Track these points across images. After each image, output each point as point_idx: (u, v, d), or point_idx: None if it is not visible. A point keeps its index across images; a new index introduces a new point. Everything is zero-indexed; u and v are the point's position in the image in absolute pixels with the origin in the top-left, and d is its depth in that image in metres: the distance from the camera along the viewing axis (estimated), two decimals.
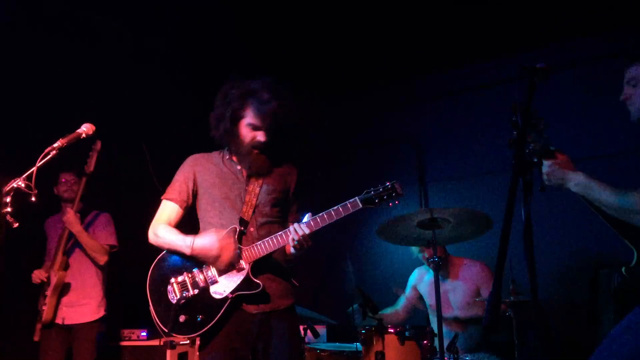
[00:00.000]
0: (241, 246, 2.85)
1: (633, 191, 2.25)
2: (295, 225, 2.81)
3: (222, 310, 2.78)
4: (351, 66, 5.46)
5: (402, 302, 4.47)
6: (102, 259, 4.34)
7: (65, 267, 4.27)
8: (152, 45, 4.97)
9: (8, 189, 2.61)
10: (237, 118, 2.92)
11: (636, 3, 4.33)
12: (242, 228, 2.89)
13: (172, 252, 2.93)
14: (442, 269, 4.14)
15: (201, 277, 2.85)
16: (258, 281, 2.81)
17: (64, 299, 4.27)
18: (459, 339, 3.49)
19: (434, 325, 4.15)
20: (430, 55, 5.21)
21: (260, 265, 2.85)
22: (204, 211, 3.00)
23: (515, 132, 2.00)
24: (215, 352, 2.79)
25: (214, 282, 2.84)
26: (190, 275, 2.87)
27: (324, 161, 6.07)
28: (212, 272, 2.85)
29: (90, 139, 3.06)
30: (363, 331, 3.55)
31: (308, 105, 6.05)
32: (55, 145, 2.78)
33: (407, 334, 3.42)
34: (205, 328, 2.77)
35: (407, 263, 4.72)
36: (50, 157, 2.76)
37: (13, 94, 4.40)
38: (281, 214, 3.05)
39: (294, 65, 5.47)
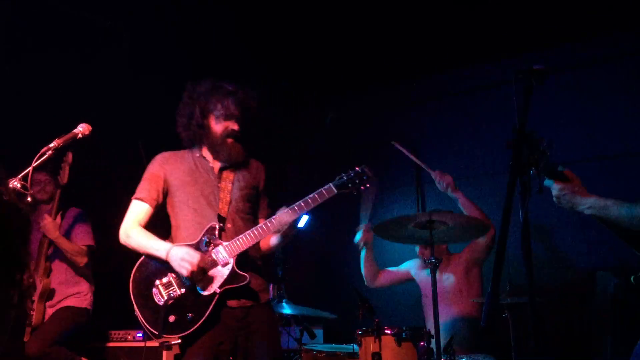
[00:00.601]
0: (223, 242, 2.89)
1: None
2: (279, 213, 2.89)
3: (212, 306, 2.80)
4: (349, 67, 5.46)
5: (387, 270, 4.48)
6: (82, 261, 4.30)
7: (49, 273, 4.27)
8: (150, 44, 4.96)
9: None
10: (206, 113, 3.00)
11: (634, 6, 4.34)
12: (221, 225, 2.93)
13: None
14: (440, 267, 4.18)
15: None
16: (244, 274, 2.85)
17: (49, 302, 4.28)
18: (454, 340, 3.49)
19: (429, 321, 4.17)
20: (428, 56, 5.21)
21: (241, 261, 2.89)
22: (178, 209, 3.01)
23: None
24: (199, 347, 2.81)
25: (201, 278, 2.84)
26: (175, 275, 2.87)
27: (322, 161, 6.07)
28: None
29: (64, 149, 2.98)
30: (359, 332, 3.55)
31: (311, 106, 6.08)
32: (51, 145, 2.78)
33: (403, 335, 3.41)
34: (197, 325, 2.78)
35: (403, 261, 4.71)
36: (46, 158, 2.76)
37: (8, 94, 4.38)
38: (253, 209, 3.12)
39: (294, 65, 5.47)
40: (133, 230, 2.96)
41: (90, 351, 4.49)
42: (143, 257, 2.96)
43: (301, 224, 5.52)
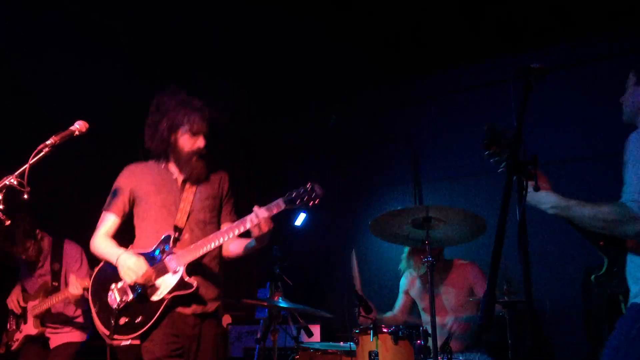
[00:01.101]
0: (174, 250, 3.03)
1: (606, 203, 2.30)
2: (252, 215, 2.98)
3: (160, 311, 2.97)
4: (347, 67, 5.46)
5: (397, 308, 4.48)
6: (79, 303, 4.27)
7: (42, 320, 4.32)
8: (147, 45, 4.96)
9: (0, 186, 2.59)
10: (173, 127, 3.09)
11: (631, 4, 4.34)
12: (177, 234, 3.08)
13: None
14: (435, 274, 4.16)
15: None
16: (191, 282, 2.99)
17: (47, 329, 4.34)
18: (452, 339, 3.49)
19: (427, 326, 4.16)
20: (426, 55, 5.21)
21: (193, 269, 3.04)
22: (141, 219, 3.18)
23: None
24: (153, 346, 2.98)
25: (151, 285, 3.00)
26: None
27: (319, 160, 6.07)
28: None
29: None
30: (357, 331, 3.55)
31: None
32: (48, 142, 2.76)
33: (400, 333, 3.41)
34: (145, 328, 2.96)
35: (399, 260, 4.71)
36: (43, 155, 2.74)
37: (4, 92, 4.37)
38: (215, 218, 3.26)
39: (291, 66, 5.47)
40: (97, 240, 3.15)
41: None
42: (101, 263, 3.15)
43: (298, 222, 5.52)
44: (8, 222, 2.63)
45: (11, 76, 4.47)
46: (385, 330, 3.42)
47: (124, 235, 3.23)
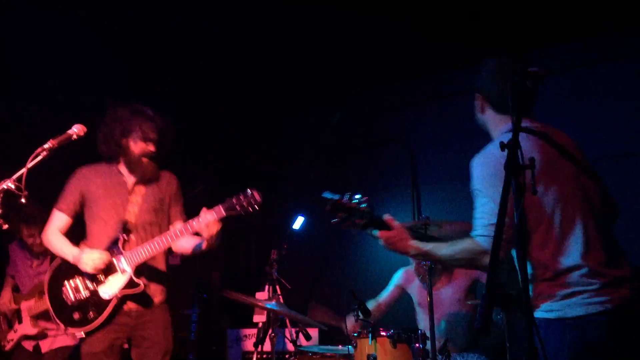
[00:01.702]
0: (125, 252, 3.27)
1: (461, 240, 2.31)
2: (197, 217, 3.20)
3: (110, 308, 3.23)
4: (345, 68, 5.46)
5: (383, 297, 4.45)
6: None
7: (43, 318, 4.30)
8: (144, 45, 4.95)
9: None
10: (126, 133, 3.34)
11: (628, 7, 4.36)
12: (125, 236, 3.32)
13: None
14: (433, 276, 4.16)
15: (91, 280, 3.28)
16: (139, 281, 3.26)
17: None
18: (450, 341, 3.49)
19: (421, 323, 4.16)
20: (424, 57, 5.22)
21: (141, 268, 3.29)
22: (91, 220, 3.40)
23: None
24: (95, 341, 3.25)
25: (103, 284, 3.26)
26: (81, 279, 3.30)
27: (316, 163, 6.06)
28: (101, 276, 3.27)
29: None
30: (355, 334, 3.55)
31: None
32: (46, 146, 2.77)
33: (398, 337, 3.41)
34: (96, 323, 3.23)
35: (398, 265, 4.70)
36: (41, 158, 2.75)
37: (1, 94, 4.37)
38: (160, 219, 3.47)
39: (288, 67, 5.47)
40: (52, 236, 3.38)
41: None
42: (57, 260, 3.41)
43: (296, 226, 5.52)
44: (5, 226, 2.64)
45: (7, 77, 4.47)
46: (383, 333, 3.43)
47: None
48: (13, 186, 2.63)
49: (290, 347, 4.67)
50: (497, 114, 2.60)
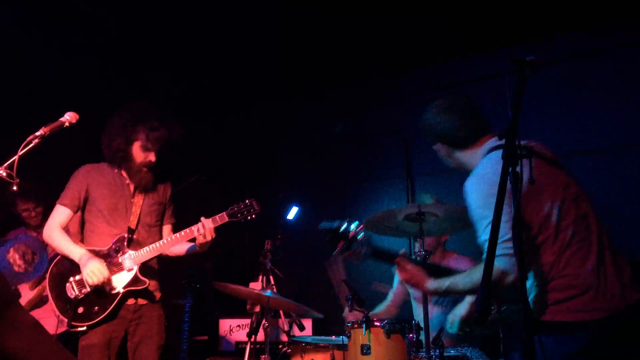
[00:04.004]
0: (130, 250, 3.44)
1: (475, 268, 2.31)
2: (199, 225, 3.42)
3: (115, 303, 3.37)
4: (339, 59, 5.44)
5: (390, 298, 4.47)
6: None
7: (38, 283, 4.30)
8: (140, 38, 4.92)
9: None
10: (129, 141, 3.43)
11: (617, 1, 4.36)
12: (130, 235, 3.49)
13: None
14: (432, 258, 4.18)
15: None
16: (145, 279, 3.43)
17: (31, 312, 4.28)
18: (444, 333, 3.48)
19: (418, 316, 4.16)
20: (419, 49, 5.20)
21: (144, 267, 3.48)
22: (94, 217, 3.50)
23: None
24: (94, 335, 3.33)
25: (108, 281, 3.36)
26: None
27: (311, 154, 6.05)
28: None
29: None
30: (349, 324, 3.54)
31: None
32: (38, 133, 2.75)
33: (392, 327, 3.40)
34: (100, 317, 3.34)
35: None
36: (33, 146, 2.72)
37: None
38: (159, 221, 3.68)
39: (281, 59, 5.45)
40: (54, 232, 3.44)
41: None
42: (60, 256, 3.47)
43: (290, 216, 5.51)
44: None
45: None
46: (377, 324, 3.42)
47: None
48: (4, 173, 2.60)
49: (283, 337, 4.67)
50: (464, 150, 2.58)
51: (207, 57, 5.37)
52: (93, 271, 3.28)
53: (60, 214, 3.48)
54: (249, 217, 3.52)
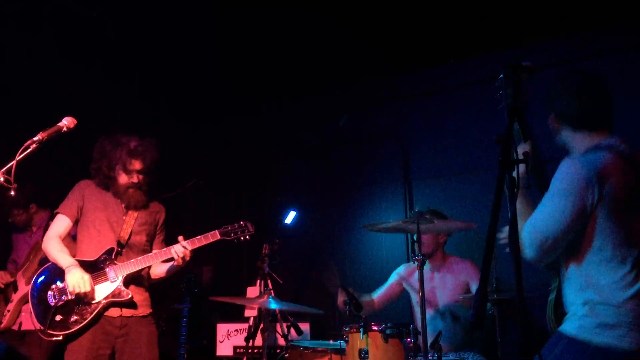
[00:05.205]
0: (117, 262, 3.52)
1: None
2: (177, 246, 3.54)
3: (94, 313, 3.39)
4: (336, 62, 5.44)
5: (380, 293, 4.45)
6: None
7: None
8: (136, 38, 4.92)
9: None
10: (112, 166, 3.61)
11: (614, 3, 4.36)
12: (119, 249, 3.58)
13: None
14: (433, 260, 4.20)
15: None
16: (128, 291, 3.49)
17: (25, 306, 4.30)
18: (442, 337, 3.49)
19: (418, 320, 4.16)
20: (415, 52, 5.20)
21: (129, 280, 3.55)
22: (86, 228, 3.62)
23: None
24: (80, 349, 3.35)
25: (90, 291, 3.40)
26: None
27: (309, 158, 6.05)
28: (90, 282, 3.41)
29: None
30: (347, 329, 3.55)
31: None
32: (36, 138, 2.75)
33: (390, 331, 3.41)
34: (77, 327, 3.36)
35: (390, 261, 4.71)
36: (31, 151, 2.72)
37: None
38: (148, 242, 3.76)
39: (279, 61, 5.44)
40: (51, 241, 3.55)
41: None
42: (47, 264, 3.56)
43: (288, 220, 5.51)
44: None
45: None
46: (375, 328, 3.42)
47: None
48: (2, 179, 2.60)
49: (281, 341, 4.66)
50: (574, 132, 2.45)
51: (206, 58, 5.36)
52: (76, 280, 3.34)
53: (60, 224, 3.61)
54: (242, 238, 3.65)
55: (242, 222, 3.66)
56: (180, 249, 3.52)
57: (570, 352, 2.17)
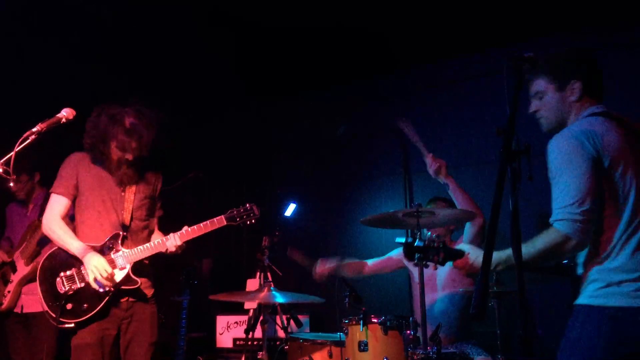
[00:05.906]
0: (123, 249, 3.40)
1: (539, 236, 2.26)
2: (172, 235, 3.43)
3: (105, 301, 3.32)
4: (337, 57, 5.43)
5: (374, 261, 4.42)
6: None
7: (34, 257, 4.24)
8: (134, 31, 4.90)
9: None
10: (106, 141, 3.40)
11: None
12: (125, 233, 3.45)
13: (62, 249, 3.39)
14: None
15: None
16: (137, 279, 3.40)
17: (25, 287, 4.27)
18: (441, 329, 3.49)
19: (418, 306, 4.16)
20: (417, 46, 5.19)
21: (136, 266, 3.43)
22: (84, 208, 3.46)
23: None
24: (86, 333, 3.31)
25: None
26: (77, 271, 3.35)
27: (309, 151, 6.05)
28: None
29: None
30: (346, 321, 3.55)
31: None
32: (35, 129, 2.75)
33: (390, 323, 3.41)
34: (89, 315, 3.30)
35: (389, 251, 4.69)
36: (30, 142, 2.72)
37: None
38: (151, 215, 3.65)
39: (281, 57, 5.44)
40: (54, 223, 3.40)
41: None
42: (54, 249, 3.42)
43: (288, 213, 5.51)
44: None
45: None
46: (375, 320, 3.43)
47: None
48: (1, 170, 2.59)
49: (281, 334, 4.67)
50: (567, 95, 2.48)
51: (205, 54, 5.35)
52: (97, 267, 3.25)
53: (58, 204, 3.44)
54: (248, 222, 3.53)
55: (247, 205, 3.53)
56: (172, 243, 3.42)
57: (590, 321, 2.18)
